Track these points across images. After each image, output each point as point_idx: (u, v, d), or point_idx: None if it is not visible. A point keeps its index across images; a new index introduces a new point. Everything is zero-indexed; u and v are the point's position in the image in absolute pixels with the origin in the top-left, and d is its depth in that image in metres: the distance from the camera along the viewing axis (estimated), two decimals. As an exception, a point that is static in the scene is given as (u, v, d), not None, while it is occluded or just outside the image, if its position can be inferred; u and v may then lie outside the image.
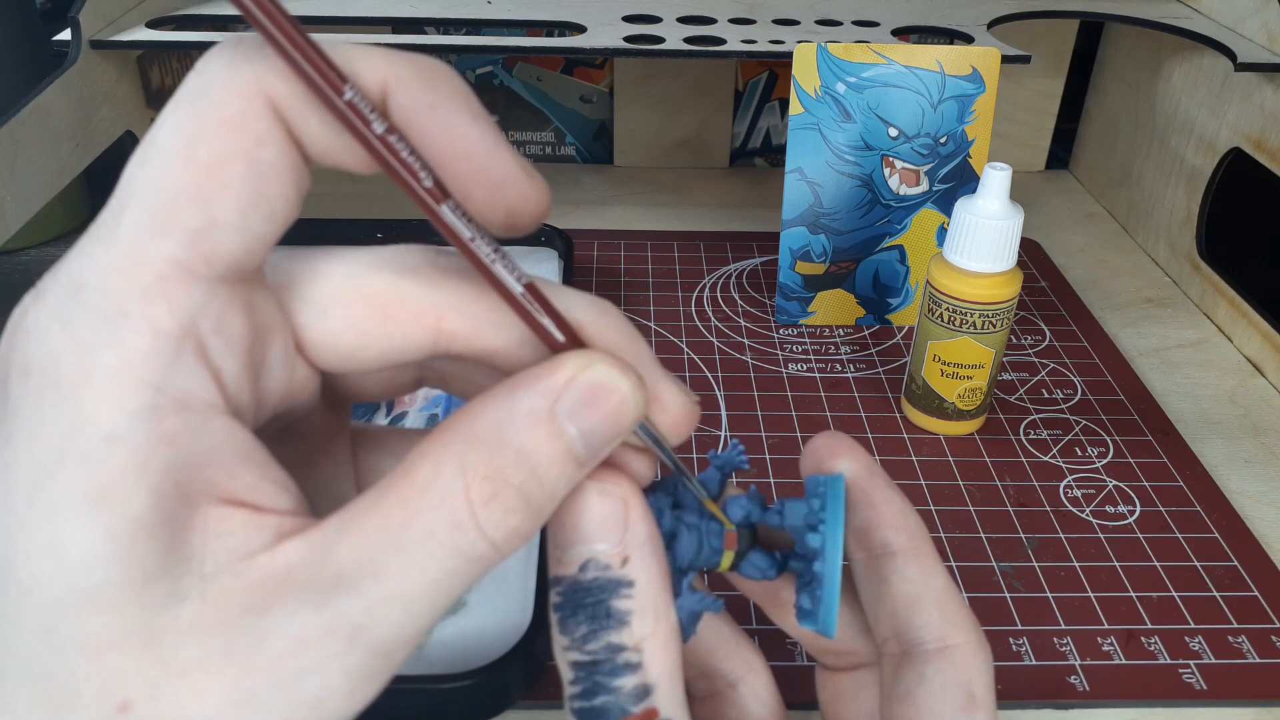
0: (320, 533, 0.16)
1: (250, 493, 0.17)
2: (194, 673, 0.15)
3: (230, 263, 0.16)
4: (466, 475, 0.16)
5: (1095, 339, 0.55)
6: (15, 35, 0.57)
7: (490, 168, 0.17)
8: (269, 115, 0.16)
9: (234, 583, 0.16)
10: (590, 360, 0.18)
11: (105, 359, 0.15)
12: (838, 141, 0.51)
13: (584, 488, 0.19)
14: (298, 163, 0.17)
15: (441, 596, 0.16)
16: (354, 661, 0.16)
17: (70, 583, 0.15)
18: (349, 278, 0.18)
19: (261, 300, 0.17)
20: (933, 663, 0.21)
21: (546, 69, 0.73)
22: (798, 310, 0.55)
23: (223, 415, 0.16)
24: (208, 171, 0.16)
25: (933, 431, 0.47)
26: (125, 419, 0.15)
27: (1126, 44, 0.69)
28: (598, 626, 0.19)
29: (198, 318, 0.16)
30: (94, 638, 0.15)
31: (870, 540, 0.22)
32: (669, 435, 0.20)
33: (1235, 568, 0.40)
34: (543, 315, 0.18)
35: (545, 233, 0.57)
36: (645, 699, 0.19)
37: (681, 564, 0.21)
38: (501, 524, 0.17)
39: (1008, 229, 0.42)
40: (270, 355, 0.18)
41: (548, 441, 0.17)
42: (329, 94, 0.16)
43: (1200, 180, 0.60)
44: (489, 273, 0.18)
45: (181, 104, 0.16)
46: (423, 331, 0.18)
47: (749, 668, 0.24)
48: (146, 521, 0.15)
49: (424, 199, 0.17)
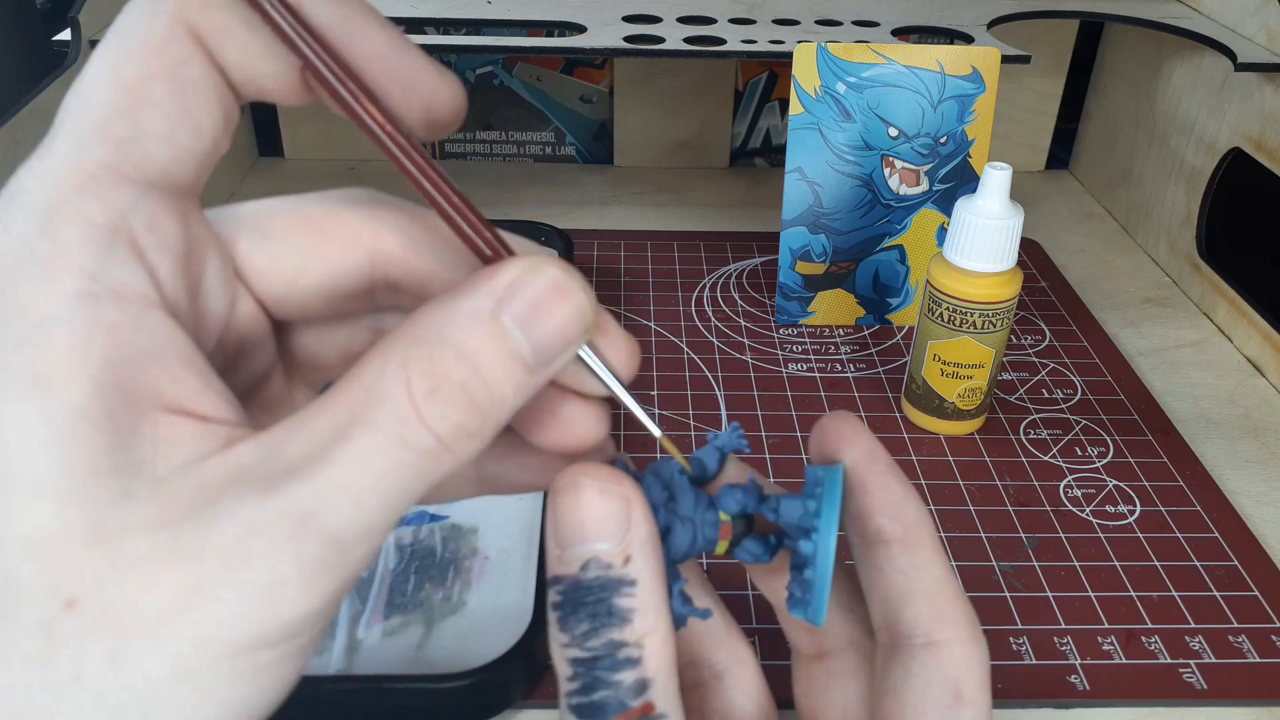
0: (270, 435, 0.16)
1: (196, 400, 0.17)
2: (142, 566, 0.15)
3: (161, 171, 0.17)
4: (408, 370, 0.16)
5: (1095, 339, 0.55)
6: (15, 35, 0.57)
7: (401, 67, 0.18)
8: (190, 40, 0.17)
9: (184, 483, 0.16)
10: (536, 264, 0.18)
11: (39, 248, 0.15)
12: (838, 141, 0.51)
13: (584, 486, 0.19)
14: (221, 86, 0.17)
15: (394, 491, 0.16)
16: (306, 548, 0.16)
17: (11, 471, 0.15)
18: (287, 207, 0.19)
19: (196, 219, 0.18)
20: (919, 658, 0.21)
21: (546, 69, 0.73)
22: (798, 310, 0.55)
23: (160, 311, 0.16)
24: (134, 88, 0.17)
25: (933, 431, 0.47)
26: (62, 303, 0.15)
27: (1126, 44, 0.69)
28: (599, 624, 0.19)
29: (129, 214, 0.16)
30: (38, 531, 0.15)
31: (865, 528, 0.22)
32: (616, 368, 0.20)
33: (1235, 567, 0.40)
34: (475, 222, 0.18)
35: (545, 233, 0.57)
36: (643, 693, 0.19)
37: (675, 555, 0.21)
38: (445, 417, 0.17)
39: (1008, 229, 0.42)
40: (208, 271, 0.18)
41: (490, 341, 0.17)
42: (265, 5, 0.17)
43: (1200, 180, 0.60)
44: (417, 175, 0.18)
45: (109, 38, 0.17)
46: (360, 252, 0.19)
47: (737, 660, 0.24)
48: (88, 411, 0.15)
49: (351, 100, 0.17)
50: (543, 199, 0.70)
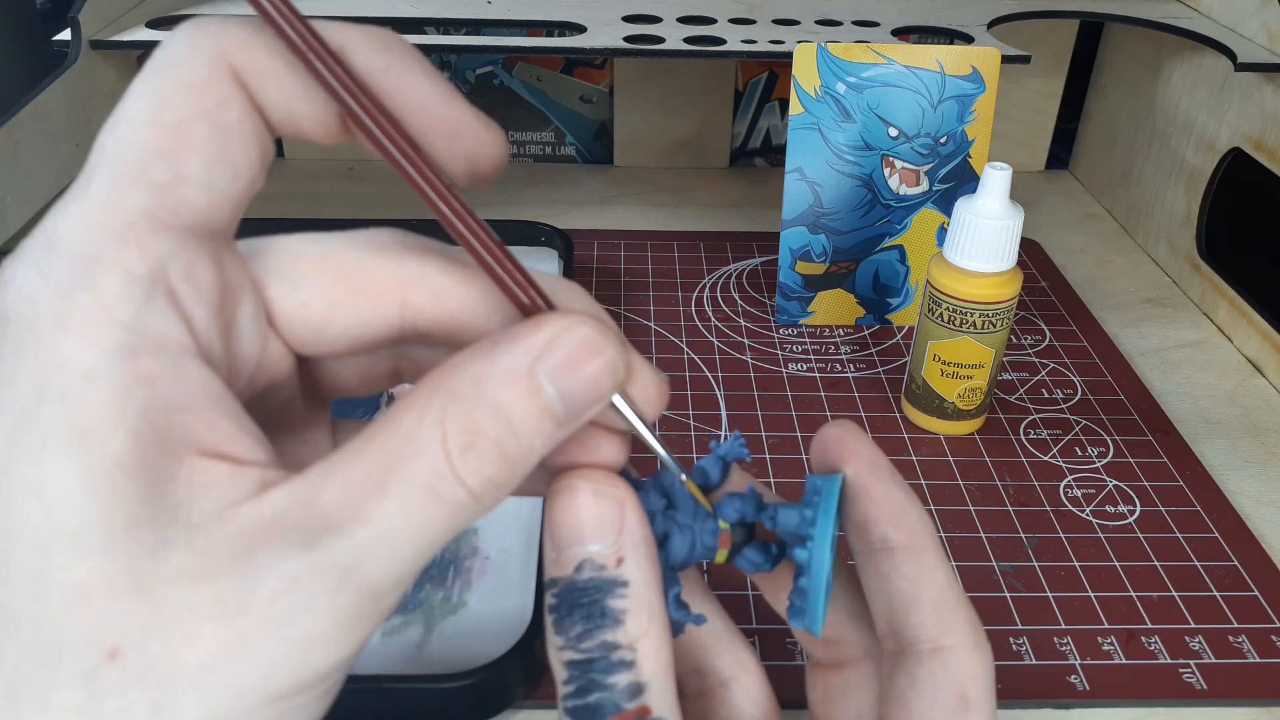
0: (305, 480, 0.17)
1: (230, 444, 0.17)
2: (184, 617, 0.15)
3: (198, 216, 0.17)
4: (445, 426, 0.17)
5: (1095, 339, 0.55)
6: (15, 35, 0.57)
7: (446, 119, 0.18)
8: (231, 81, 0.17)
9: (221, 530, 0.16)
10: (573, 322, 0.18)
11: (80, 301, 0.15)
12: (838, 141, 0.51)
13: (579, 489, 0.20)
14: (259, 127, 0.17)
15: (426, 541, 0.17)
16: (344, 602, 0.16)
17: (54, 525, 0.15)
18: (317, 253, 0.19)
19: (230, 260, 0.18)
20: (925, 664, 0.21)
21: (546, 69, 0.73)
22: (798, 310, 0.55)
23: (197, 360, 0.17)
24: (173, 131, 0.16)
25: (933, 431, 0.47)
26: (102, 358, 0.15)
27: (1126, 44, 0.69)
28: (593, 625, 0.19)
29: (167, 263, 0.16)
30: (80, 583, 0.15)
31: (869, 535, 0.22)
32: (643, 410, 0.20)
33: (1235, 567, 0.40)
34: (516, 276, 0.18)
35: (545, 232, 0.57)
36: (638, 696, 0.19)
37: (674, 562, 0.21)
38: (477, 473, 0.17)
39: (1008, 229, 0.42)
40: (241, 315, 0.18)
41: (525, 398, 0.17)
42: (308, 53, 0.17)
43: (1200, 180, 0.60)
44: (460, 227, 0.18)
45: (148, 75, 0.17)
46: (389, 305, 0.19)
47: (742, 667, 0.24)
48: (126, 462, 0.15)
49: (394, 151, 0.17)
50: (542, 199, 0.70)
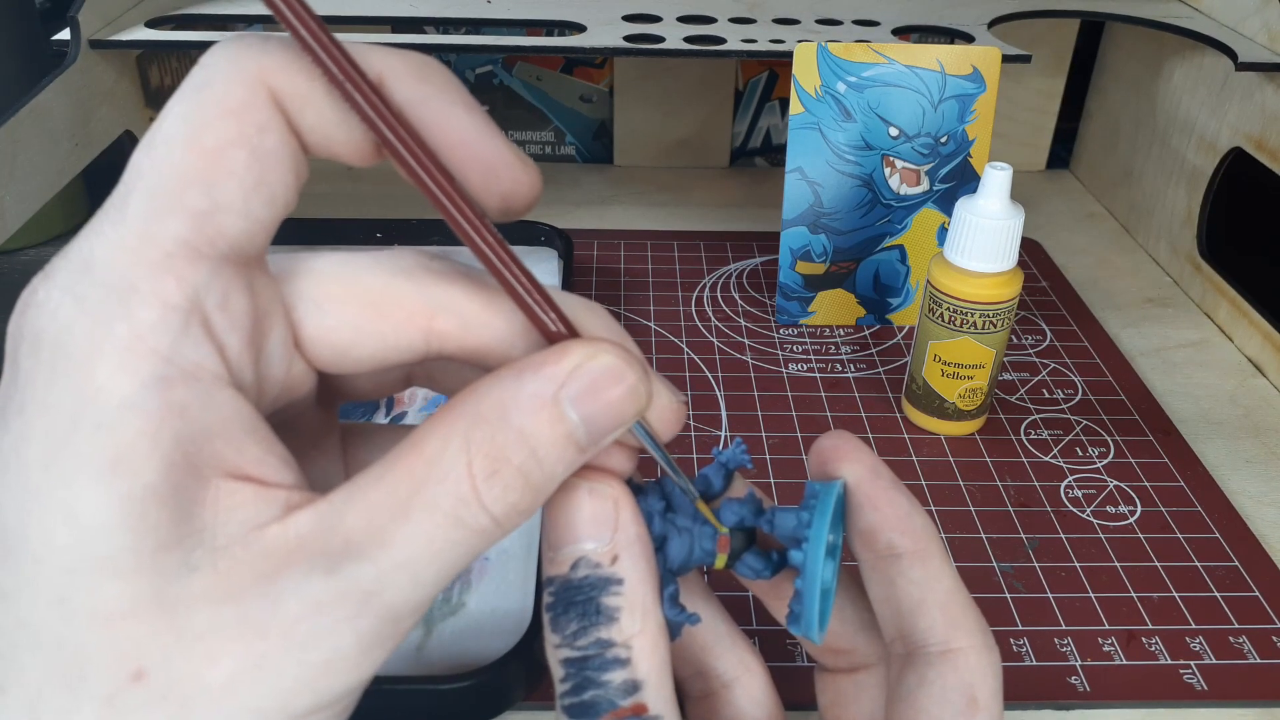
0: (329, 503, 0.17)
1: (257, 467, 0.17)
2: (208, 639, 0.15)
3: (234, 244, 0.17)
4: (470, 452, 0.17)
5: (1096, 339, 0.55)
6: (15, 35, 0.57)
7: (484, 154, 0.18)
8: (270, 105, 0.17)
9: (245, 553, 0.16)
10: (597, 350, 0.18)
11: (116, 330, 0.15)
12: (838, 141, 0.50)
13: (575, 487, 0.20)
14: (297, 151, 0.17)
15: (447, 566, 0.17)
16: (365, 625, 0.16)
17: (84, 551, 0.15)
18: (344, 277, 0.19)
19: (262, 285, 0.18)
20: (934, 666, 0.21)
21: (546, 68, 0.73)
22: (798, 310, 0.55)
23: (228, 388, 0.17)
24: (212, 156, 0.16)
25: (933, 431, 0.47)
26: (138, 388, 0.15)
27: (1127, 44, 0.69)
28: (588, 623, 0.19)
29: (203, 293, 0.16)
30: (107, 606, 0.15)
31: (876, 543, 0.22)
32: (659, 432, 0.20)
33: (1236, 568, 0.40)
34: (544, 305, 0.19)
35: (545, 232, 0.57)
36: (634, 694, 0.19)
37: (673, 565, 0.21)
38: (501, 499, 0.17)
39: (1008, 229, 0.42)
40: (271, 340, 0.18)
41: (549, 425, 0.17)
42: (345, 84, 0.17)
43: (1201, 180, 0.60)
44: (493, 259, 0.18)
45: (187, 95, 0.17)
46: (415, 331, 0.19)
47: (744, 668, 0.24)
48: (159, 490, 0.15)
49: (429, 182, 0.17)
50: (542, 199, 0.69)
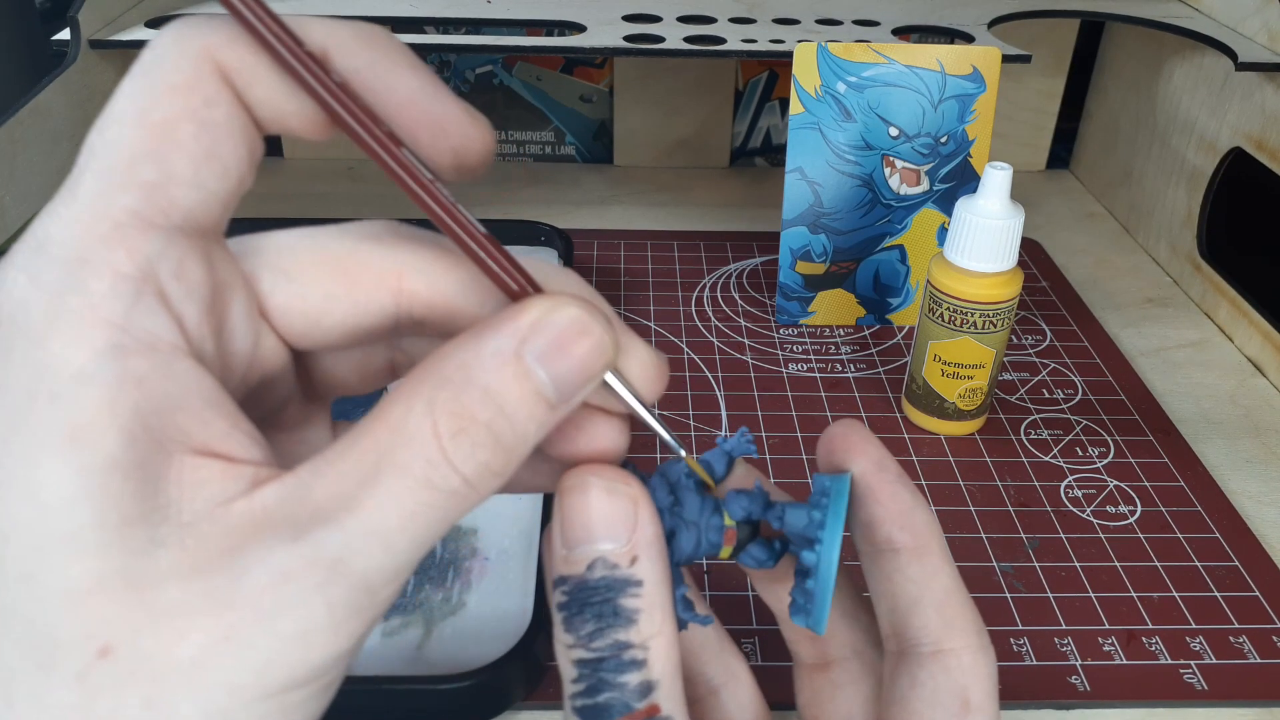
0: (296, 476, 0.17)
1: (223, 442, 0.17)
2: (176, 615, 0.15)
3: (187, 215, 0.17)
4: (434, 413, 0.17)
5: (1096, 339, 0.55)
6: (15, 35, 0.57)
7: (431, 112, 0.18)
8: (217, 79, 0.17)
9: (212, 528, 0.16)
10: (558, 304, 0.18)
11: (69, 302, 0.15)
12: (838, 141, 0.50)
13: (590, 485, 0.19)
14: (247, 125, 0.17)
15: (420, 532, 0.16)
16: (336, 594, 0.16)
17: (48, 527, 0.15)
18: (310, 245, 0.19)
19: (221, 258, 0.18)
20: (927, 666, 0.21)
21: (546, 68, 0.73)
22: (798, 310, 0.55)
23: (188, 359, 0.16)
24: (160, 130, 0.16)
25: (933, 431, 0.47)
26: (92, 358, 0.15)
27: (1127, 44, 0.69)
28: (605, 625, 0.19)
29: (156, 263, 0.16)
30: (74, 583, 0.15)
31: (875, 536, 0.22)
32: (642, 392, 0.20)
33: (1236, 568, 0.40)
34: (502, 263, 0.18)
35: (545, 232, 0.57)
36: (648, 695, 0.19)
37: (679, 559, 0.21)
38: (471, 458, 0.17)
39: (1008, 229, 0.42)
40: (233, 312, 0.18)
41: (515, 381, 0.17)
42: (285, 54, 0.17)
43: (1201, 180, 0.60)
44: (445, 218, 0.18)
45: (135, 76, 0.17)
46: (384, 293, 0.19)
47: (731, 674, 0.24)
48: (120, 462, 0.15)
49: (376, 147, 0.17)
50: (542, 199, 0.70)
